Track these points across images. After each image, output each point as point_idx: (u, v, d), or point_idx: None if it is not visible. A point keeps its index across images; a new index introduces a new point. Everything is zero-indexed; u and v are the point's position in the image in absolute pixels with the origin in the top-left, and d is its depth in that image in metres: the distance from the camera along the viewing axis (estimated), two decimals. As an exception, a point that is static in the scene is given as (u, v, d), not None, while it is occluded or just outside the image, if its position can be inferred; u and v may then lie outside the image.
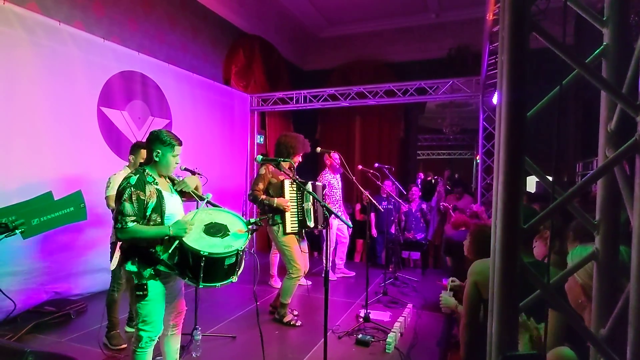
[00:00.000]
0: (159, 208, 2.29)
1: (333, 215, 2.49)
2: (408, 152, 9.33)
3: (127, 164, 3.45)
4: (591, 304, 1.22)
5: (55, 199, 3.08)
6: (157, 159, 2.36)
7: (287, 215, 3.78)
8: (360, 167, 5.32)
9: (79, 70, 4.44)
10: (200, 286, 2.25)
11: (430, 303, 4.65)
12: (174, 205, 2.41)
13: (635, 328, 0.77)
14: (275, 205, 3.72)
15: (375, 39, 8.90)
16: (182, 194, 2.58)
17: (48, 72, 4.12)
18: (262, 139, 8.16)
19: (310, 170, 6.79)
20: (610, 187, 0.89)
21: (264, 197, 3.75)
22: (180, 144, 2.45)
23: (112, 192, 3.21)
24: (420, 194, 6.62)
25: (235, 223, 2.44)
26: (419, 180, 9.11)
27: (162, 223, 2.29)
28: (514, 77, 0.77)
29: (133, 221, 2.19)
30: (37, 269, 4.01)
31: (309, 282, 5.22)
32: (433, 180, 9.89)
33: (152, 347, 2.39)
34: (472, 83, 6.22)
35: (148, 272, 2.27)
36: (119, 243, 2.89)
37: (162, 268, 2.30)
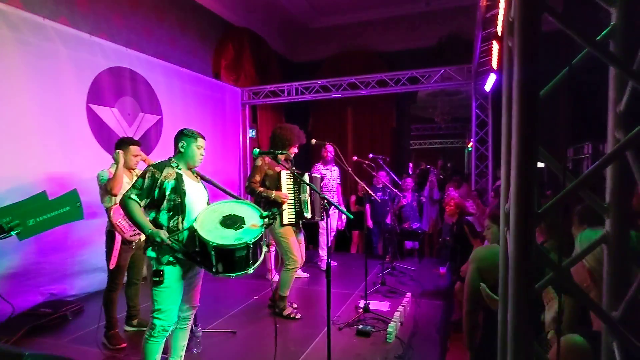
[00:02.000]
0: (179, 189, 2.40)
1: (332, 207, 2.49)
2: (401, 142, 9.33)
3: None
4: (597, 288, 1.22)
5: (50, 199, 3.01)
6: (182, 150, 2.54)
7: (285, 206, 3.76)
8: (355, 158, 5.29)
9: (66, 67, 4.35)
10: (216, 275, 2.33)
11: (428, 291, 4.68)
12: (196, 193, 2.52)
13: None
14: (272, 197, 3.68)
15: (365, 29, 8.84)
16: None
17: (34, 69, 4.02)
18: (254, 133, 8.10)
19: (303, 161, 6.76)
20: (621, 169, 0.88)
21: (261, 189, 3.72)
22: (203, 137, 2.63)
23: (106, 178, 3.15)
24: (414, 184, 6.62)
25: (252, 217, 2.49)
26: (410, 170, 9.12)
27: (182, 203, 2.40)
28: (526, 59, 0.75)
29: (137, 195, 2.33)
30: (31, 270, 3.96)
31: (307, 274, 5.22)
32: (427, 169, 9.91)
33: (164, 339, 2.44)
34: (464, 71, 6.22)
35: (166, 258, 2.35)
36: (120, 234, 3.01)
37: (180, 255, 2.37)
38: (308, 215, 3.84)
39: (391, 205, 5.89)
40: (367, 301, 3.90)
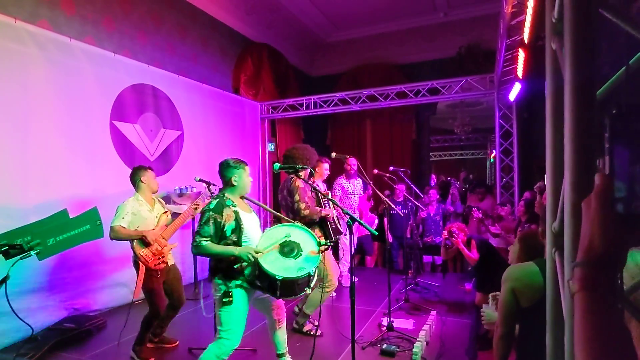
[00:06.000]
0: (238, 229, 2.54)
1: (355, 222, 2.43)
2: (421, 153, 9.19)
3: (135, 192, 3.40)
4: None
5: (71, 217, 3.03)
6: (235, 182, 2.66)
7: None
8: (376, 171, 5.20)
9: (91, 85, 4.45)
10: (278, 298, 2.58)
11: (454, 308, 4.51)
12: (250, 223, 2.65)
13: None
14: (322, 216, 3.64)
15: (383, 41, 8.82)
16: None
17: (60, 87, 4.12)
18: (272, 147, 8.11)
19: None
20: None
21: (320, 210, 3.63)
22: (247, 164, 2.80)
23: (117, 222, 3.17)
24: (438, 196, 6.45)
25: (307, 242, 2.61)
26: (432, 182, 8.93)
27: (239, 241, 2.53)
28: (582, 61, 0.67)
29: (207, 241, 2.45)
30: (55, 286, 3.99)
31: (334, 293, 4.99)
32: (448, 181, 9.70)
33: (227, 358, 2.56)
34: (486, 81, 6.09)
35: (234, 282, 2.52)
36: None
37: (245, 284, 2.54)
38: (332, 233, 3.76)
39: (413, 218, 5.75)
40: (391, 319, 3.77)
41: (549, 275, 0.95)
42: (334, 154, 4.41)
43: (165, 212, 3.49)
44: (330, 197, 3.43)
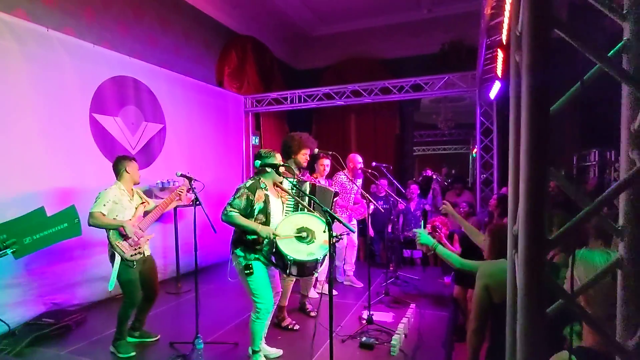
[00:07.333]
0: (265, 210, 2.92)
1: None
2: (404, 148, 9.28)
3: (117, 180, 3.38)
4: (590, 308, 1.17)
5: (49, 215, 2.98)
6: (268, 170, 2.98)
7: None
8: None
9: (70, 77, 4.36)
10: (288, 276, 3.04)
11: (433, 302, 4.62)
12: (276, 208, 3.04)
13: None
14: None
15: (368, 36, 8.83)
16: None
17: (38, 79, 4.03)
18: (257, 140, 8.09)
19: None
20: (636, 192, 0.85)
21: None
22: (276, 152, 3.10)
23: (98, 209, 3.14)
24: (419, 191, 6.55)
25: (322, 231, 2.87)
26: (428, 173, 8.69)
27: (267, 222, 2.91)
28: (535, 76, 0.72)
29: (235, 212, 2.80)
30: (33, 280, 3.94)
31: (335, 292, 4.82)
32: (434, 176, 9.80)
33: (268, 320, 3.00)
34: (468, 78, 6.18)
35: (252, 255, 2.88)
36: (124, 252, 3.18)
37: (262, 259, 2.90)
38: None
39: (394, 213, 5.83)
40: (371, 312, 3.84)
41: (509, 275, 1.00)
42: (316, 150, 4.39)
43: (142, 203, 3.46)
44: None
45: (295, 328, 3.80)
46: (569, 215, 2.06)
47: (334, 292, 4.85)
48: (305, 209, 3.09)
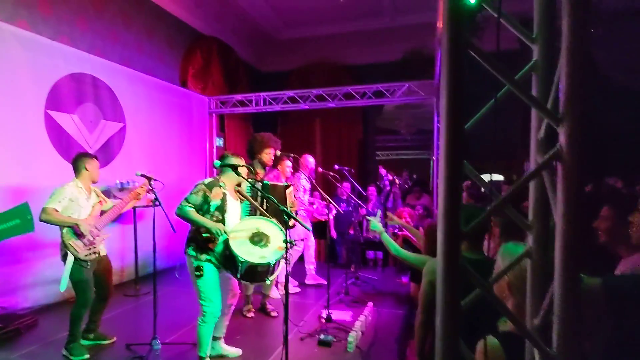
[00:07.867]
0: (222, 208, 2.90)
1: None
2: (367, 153, 9.51)
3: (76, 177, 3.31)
4: (514, 298, 1.33)
5: (0, 212, 2.89)
6: (228, 171, 2.97)
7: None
8: (321, 169, 5.36)
9: (24, 72, 4.22)
10: (239, 280, 2.91)
11: (390, 300, 4.79)
12: (233, 209, 3.01)
13: (558, 317, 0.86)
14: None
15: (332, 42, 9.00)
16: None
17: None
18: (221, 142, 8.05)
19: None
20: (541, 190, 0.99)
21: None
22: (241, 157, 3.07)
23: (52, 205, 3.06)
24: (377, 193, 6.76)
25: (277, 237, 2.89)
26: (382, 173, 8.91)
27: (222, 220, 2.88)
28: (450, 96, 0.84)
29: (190, 207, 2.80)
30: (-21, 283, 3.78)
31: (298, 289, 5.14)
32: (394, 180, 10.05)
33: (214, 324, 2.92)
34: (427, 86, 6.45)
35: (204, 256, 2.85)
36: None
37: (213, 260, 2.87)
38: None
39: (356, 215, 5.99)
40: (330, 311, 3.95)
41: (438, 266, 1.12)
42: (278, 152, 4.47)
43: (99, 202, 3.40)
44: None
45: (248, 315, 4.19)
46: (478, 209, 2.23)
47: (297, 290, 5.03)
48: (263, 215, 3.08)
